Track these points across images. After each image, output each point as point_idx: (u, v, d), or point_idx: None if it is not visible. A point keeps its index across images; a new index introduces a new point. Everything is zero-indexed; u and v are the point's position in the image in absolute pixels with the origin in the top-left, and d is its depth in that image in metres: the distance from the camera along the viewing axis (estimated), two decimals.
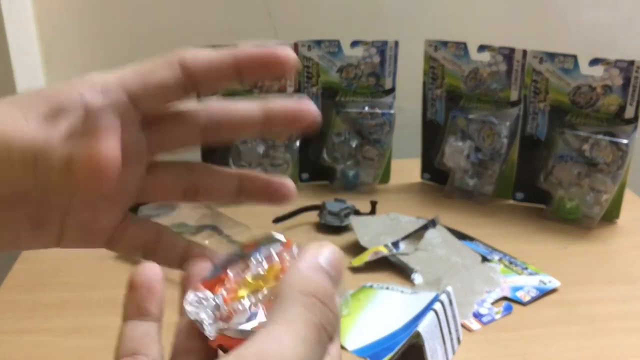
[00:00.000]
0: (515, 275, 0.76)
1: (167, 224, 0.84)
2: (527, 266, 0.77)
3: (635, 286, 0.75)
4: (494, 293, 0.72)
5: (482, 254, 0.80)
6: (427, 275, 0.75)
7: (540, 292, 0.72)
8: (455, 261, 0.77)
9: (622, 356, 0.63)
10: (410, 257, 0.77)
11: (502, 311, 0.69)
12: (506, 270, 0.76)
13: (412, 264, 0.76)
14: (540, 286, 0.73)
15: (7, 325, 0.66)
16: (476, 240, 0.84)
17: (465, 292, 0.71)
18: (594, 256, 0.82)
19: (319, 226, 0.88)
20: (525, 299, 0.71)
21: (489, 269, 0.76)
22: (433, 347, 0.58)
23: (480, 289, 0.72)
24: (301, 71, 0.98)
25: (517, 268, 0.77)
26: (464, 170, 0.98)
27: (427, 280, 0.74)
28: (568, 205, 0.90)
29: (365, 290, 0.72)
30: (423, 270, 0.75)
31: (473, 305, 0.69)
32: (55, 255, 0.80)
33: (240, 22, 1.13)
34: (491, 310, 0.69)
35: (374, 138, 1.00)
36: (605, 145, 0.86)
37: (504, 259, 0.79)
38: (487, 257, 0.79)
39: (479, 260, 0.78)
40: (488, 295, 0.71)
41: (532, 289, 0.73)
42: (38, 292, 0.72)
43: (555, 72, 0.89)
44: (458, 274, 0.74)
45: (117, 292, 0.74)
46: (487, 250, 0.82)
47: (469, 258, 0.78)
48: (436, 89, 1.00)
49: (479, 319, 0.68)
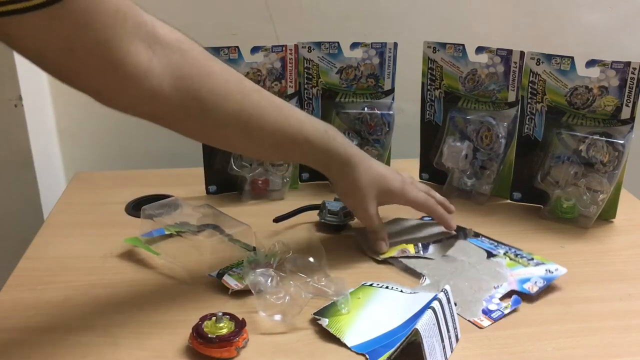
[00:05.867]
0: (522, 267, 0.76)
1: (169, 223, 0.85)
2: (533, 257, 0.78)
3: (631, 285, 0.76)
4: (501, 288, 0.72)
5: (487, 249, 0.81)
6: (435, 278, 0.75)
7: (547, 281, 0.73)
8: (461, 260, 0.78)
9: (619, 354, 0.64)
10: (417, 260, 0.78)
11: (510, 305, 0.69)
12: (512, 264, 0.77)
13: (419, 268, 0.76)
14: (547, 275, 0.74)
15: (12, 323, 0.66)
16: (481, 236, 0.85)
17: (473, 290, 0.72)
18: (590, 255, 0.83)
19: (319, 225, 0.89)
20: (533, 290, 0.71)
21: (495, 264, 0.77)
22: (431, 344, 0.58)
23: (488, 286, 0.72)
24: (301, 72, 0.99)
25: (523, 260, 0.78)
26: (462, 170, 0.99)
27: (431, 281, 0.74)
28: (565, 205, 0.91)
29: (365, 288, 0.73)
30: (430, 273, 0.75)
31: (482, 302, 0.70)
32: (59, 253, 0.81)
33: (242, 24, 1.14)
34: (500, 305, 0.69)
35: (374, 138, 1.01)
36: (602, 145, 0.87)
37: (510, 252, 0.80)
38: (493, 252, 0.80)
39: (485, 257, 0.79)
40: (496, 291, 0.72)
41: (539, 279, 0.73)
42: (42, 290, 0.72)
43: (552, 74, 0.89)
44: (465, 272, 0.75)
45: (120, 290, 0.76)
46: (492, 245, 0.82)
47: (475, 255, 0.79)
48: (435, 89, 1.01)
49: (489, 315, 0.68)
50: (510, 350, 0.63)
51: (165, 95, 0.60)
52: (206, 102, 0.64)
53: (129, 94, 0.58)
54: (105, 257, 0.80)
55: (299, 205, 0.91)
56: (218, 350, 0.61)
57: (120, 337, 0.64)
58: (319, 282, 0.69)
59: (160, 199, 0.87)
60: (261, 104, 0.69)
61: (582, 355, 0.63)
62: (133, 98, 0.59)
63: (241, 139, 0.70)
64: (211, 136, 0.70)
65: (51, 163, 1.17)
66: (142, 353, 0.62)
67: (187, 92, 0.62)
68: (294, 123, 0.72)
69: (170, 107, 0.62)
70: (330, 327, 0.65)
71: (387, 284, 0.74)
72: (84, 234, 0.86)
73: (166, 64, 0.59)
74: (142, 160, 1.15)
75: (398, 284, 0.73)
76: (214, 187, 1.00)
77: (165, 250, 0.80)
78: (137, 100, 0.60)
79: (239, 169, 0.98)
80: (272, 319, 0.66)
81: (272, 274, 0.69)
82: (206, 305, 0.69)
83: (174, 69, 0.60)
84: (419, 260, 0.78)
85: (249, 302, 0.70)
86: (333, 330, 0.65)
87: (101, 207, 0.95)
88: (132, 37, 0.55)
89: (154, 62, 0.58)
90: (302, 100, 1.01)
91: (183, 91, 0.61)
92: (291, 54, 0.97)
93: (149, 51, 0.57)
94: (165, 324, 0.66)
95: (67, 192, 1.02)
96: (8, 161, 1.07)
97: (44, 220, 0.93)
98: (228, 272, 0.73)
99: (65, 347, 0.62)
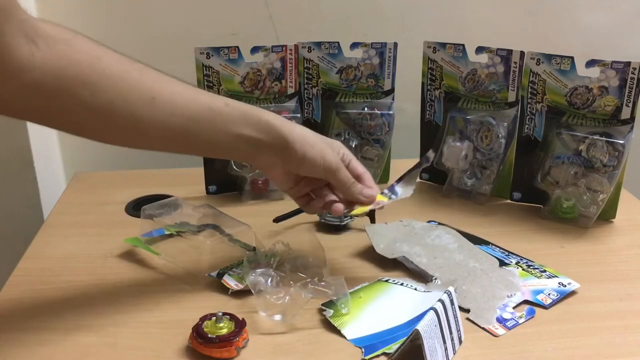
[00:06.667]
0: (534, 278, 0.75)
1: (169, 223, 0.85)
2: (545, 269, 0.77)
3: (631, 285, 0.76)
4: (515, 297, 0.71)
5: (499, 258, 0.79)
6: (449, 278, 0.74)
7: (560, 294, 0.72)
8: (473, 266, 0.76)
9: (619, 354, 0.63)
10: (428, 263, 0.77)
11: (525, 315, 0.69)
12: (524, 274, 0.76)
13: (430, 271, 0.75)
14: (560, 289, 0.73)
15: (11, 323, 0.66)
16: (491, 244, 0.83)
17: (486, 297, 0.71)
18: (590, 255, 0.83)
19: (319, 225, 0.89)
20: (547, 302, 0.71)
21: (508, 273, 0.75)
22: (432, 346, 0.58)
23: (502, 294, 0.71)
24: (301, 72, 0.99)
25: (536, 271, 0.76)
26: (462, 170, 0.99)
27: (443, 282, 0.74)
28: (565, 205, 0.91)
29: (381, 283, 0.73)
30: (442, 276, 0.74)
31: (495, 310, 0.69)
32: (59, 253, 0.81)
33: (242, 24, 1.14)
34: (514, 314, 0.69)
35: (374, 138, 1.01)
36: (602, 145, 0.87)
37: (521, 262, 0.78)
38: (505, 260, 0.78)
39: (497, 265, 0.77)
40: (509, 300, 0.71)
41: (553, 291, 0.72)
42: (42, 291, 0.72)
43: (552, 74, 0.89)
44: (478, 279, 0.73)
45: (120, 290, 0.76)
46: (504, 254, 0.81)
47: (487, 263, 0.77)
48: (435, 90, 1.01)
49: (503, 324, 0.67)
50: (510, 350, 0.63)
51: (49, 87, 0.58)
52: (99, 85, 0.60)
53: (9, 87, 0.56)
54: (105, 257, 0.80)
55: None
56: (218, 350, 0.61)
57: (120, 337, 0.64)
58: (319, 282, 0.69)
59: (160, 199, 0.86)
60: (163, 78, 0.65)
61: (582, 355, 0.63)
62: (15, 91, 0.57)
63: (147, 124, 0.63)
64: (109, 128, 0.63)
65: (51, 163, 1.17)
66: (142, 353, 0.62)
67: (75, 79, 0.59)
68: (206, 94, 0.68)
69: (57, 99, 0.59)
70: (333, 318, 0.66)
71: (403, 280, 0.74)
72: (84, 234, 0.86)
73: (50, 54, 0.57)
74: (142, 160, 1.15)
75: (414, 282, 0.74)
76: (214, 187, 1.00)
77: (165, 250, 0.80)
78: (18, 94, 0.57)
79: (239, 169, 0.98)
80: (272, 319, 0.66)
81: (272, 274, 0.69)
82: (206, 305, 0.69)
83: (59, 58, 0.58)
84: (430, 264, 0.77)
85: (249, 302, 0.70)
86: (336, 322, 0.65)
87: (101, 207, 0.95)
88: (14, 33, 0.55)
89: (37, 56, 0.56)
90: (302, 100, 1.01)
91: (71, 78, 0.59)
92: (291, 54, 0.97)
93: (31, 45, 0.56)
94: (165, 324, 0.66)
95: (67, 192, 1.02)
96: (8, 161, 1.07)
97: (44, 220, 0.93)
98: (228, 272, 0.73)
99: (65, 347, 0.62)
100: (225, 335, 0.61)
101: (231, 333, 0.62)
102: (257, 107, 0.69)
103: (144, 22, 1.14)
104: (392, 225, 0.85)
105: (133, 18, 1.13)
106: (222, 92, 0.95)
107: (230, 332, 0.62)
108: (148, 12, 1.13)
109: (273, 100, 0.98)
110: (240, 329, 0.62)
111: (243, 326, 0.63)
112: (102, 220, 0.91)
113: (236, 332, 0.62)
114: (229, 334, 0.62)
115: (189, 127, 0.65)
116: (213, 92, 0.94)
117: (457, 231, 0.85)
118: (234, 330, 0.62)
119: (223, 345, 0.61)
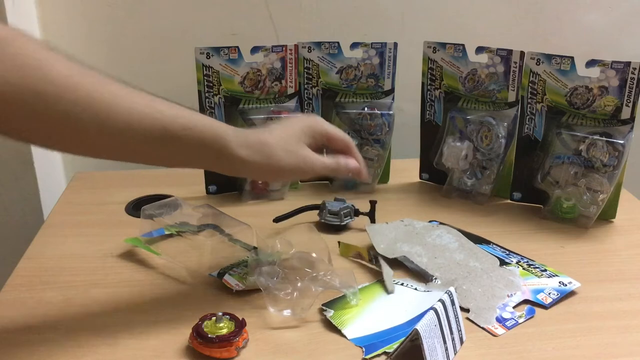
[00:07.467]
0: (535, 277, 0.75)
1: (169, 223, 0.85)
2: (546, 268, 0.77)
3: (631, 284, 0.76)
4: (515, 297, 0.71)
5: (500, 257, 0.79)
6: (448, 278, 0.74)
7: (561, 293, 0.72)
8: (473, 266, 0.76)
9: (619, 354, 0.63)
10: (429, 263, 0.77)
11: (525, 315, 0.68)
12: (525, 273, 0.76)
13: (431, 271, 0.75)
14: (561, 288, 0.73)
15: (11, 323, 0.66)
16: (492, 244, 0.83)
17: (487, 297, 0.71)
18: (590, 255, 0.83)
19: (319, 225, 0.89)
20: (547, 301, 0.71)
21: (508, 272, 0.75)
22: (432, 345, 0.58)
23: (502, 293, 0.71)
24: (301, 72, 0.99)
25: (536, 270, 0.76)
26: (462, 170, 0.99)
27: (443, 281, 0.74)
28: (565, 205, 0.91)
29: (381, 283, 0.73)
30: (442, 276, 0.74)
31: (495, 310, 0.69)
32: (59, 253, 0.81)
33: (242, 24, 1.14)
34: (514, 314, 0.68)
35: (374, 138, 1.01)
36: (602, 145, 0.87)
37: (522, 261, 0.78)
38: (505, 260, 0.78)
39: (497, 264, 0.77)
40: (509, 299, 0.71)
41: (553, 290, 0.72)
42: (42, 290, 0.72)
43: (552, 74, 0.89)
44: (478, 279, 0.74)
45: (120, 290, 0.76)
46: (504, 253, 0.81)
47: (487, 262, 0.77)
48: (435, 90, 1.01)
49: (503, 323, 0.67)
50: (510, 350, 0.63)
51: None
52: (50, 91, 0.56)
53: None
54: (105, 257, 0.80)
55: (299, 205, 0.91)
56: (218, 350, 0.61)
57: (120, 337, 0.64)
58: (325, 275, 0.69)
59: (160, 199, 0.86)
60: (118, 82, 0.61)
61: (582, 355, 0.63)
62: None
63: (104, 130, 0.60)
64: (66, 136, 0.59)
65: (51, 163, 1.17)
66: (142, 353, 0.62)
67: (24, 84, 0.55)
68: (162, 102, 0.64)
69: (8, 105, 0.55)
70: (333, 318, 0.66)
71: (403, 280, 0.74)
72: (84, 234, 0.86)
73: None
74: None
75: (414, 281, 0.74)
76: (214, 187, 1.00)
77: (165, 250, 0.80)
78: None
79: None
80: (282, 314, 0.66)
81: (277, 270, 0.69)
82: (206, 305, 0.69)
83: (11, 60, 0.55)
84: (430, 264, 0.77)
85: (249, 302, 0.70)
86: (336, 322, 0.66)
87: (101, 207, 0.95)
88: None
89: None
90: (302, 100, 1.01)
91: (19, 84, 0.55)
92: (291, 54, 0.97)
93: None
94: (165, 324, 0.66)
95: (67, 192, 1.02)
96: (8, 161, 1.07)
97: (44, 220, 0.93)
98: (229, 271, 0.73)
99: (65, 347, 0.62)
100: (225, 335, 0.61)
101: (231, 333, 0.62)
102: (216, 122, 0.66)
103: (144, 22, 1.14)
104: (393, 224, 0.86)
105: (134, 20, 1.13)
106: (222, 92, 0.95)
107: (230, 332, 0.62)
108: (148, 12, 1.13)
109: (273, 100, 0.98)
110: (240, 329, 0.62)
111: (243, 326, 0.63)
112: (102, 220, 0.91)
113: (236, 332, 0.62)
114: (229, 334, 0.62)
115: (144, 149, 0.64)
116: (213, 92, 0.94)
117: (459, 231, 0.85)
118: (234, 330, 0.62)
119: (223, 345, 0.61)
